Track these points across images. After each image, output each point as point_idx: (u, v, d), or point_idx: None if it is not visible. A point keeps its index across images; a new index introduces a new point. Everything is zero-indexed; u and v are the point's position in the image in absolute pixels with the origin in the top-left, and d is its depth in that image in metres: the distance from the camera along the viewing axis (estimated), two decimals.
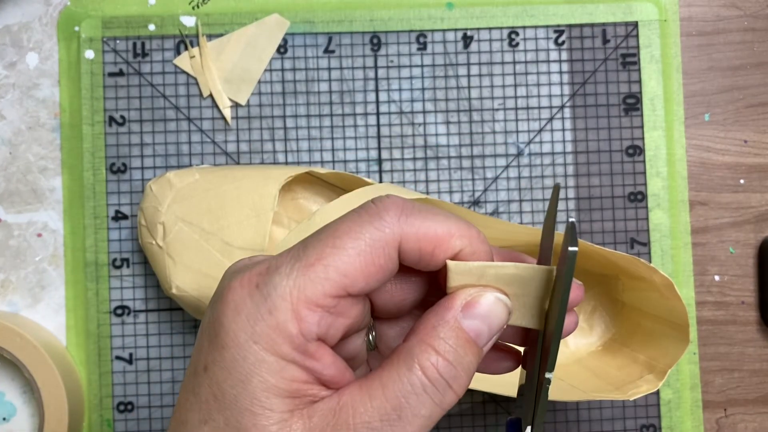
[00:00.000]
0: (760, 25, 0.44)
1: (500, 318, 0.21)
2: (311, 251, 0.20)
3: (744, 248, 0.44)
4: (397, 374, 0.20)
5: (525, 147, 0.43)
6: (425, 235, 0.20)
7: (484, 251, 0.21)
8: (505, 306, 0.21)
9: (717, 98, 0.44)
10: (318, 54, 0.43)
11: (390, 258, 0.20)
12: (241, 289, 0.20)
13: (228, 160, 0.43)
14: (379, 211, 0.21)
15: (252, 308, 0.20)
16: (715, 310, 0.44)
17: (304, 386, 0.20)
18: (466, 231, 0.21)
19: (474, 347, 0.20)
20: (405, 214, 0.21)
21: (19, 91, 0.42)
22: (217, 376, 0.20)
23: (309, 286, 0.20)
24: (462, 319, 0.20)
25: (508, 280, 0.21)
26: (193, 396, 0.20)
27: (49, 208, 0.42)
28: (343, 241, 0.20)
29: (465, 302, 0.21)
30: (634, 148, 0.43)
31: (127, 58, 0.43)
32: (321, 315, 0.20)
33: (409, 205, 0.21)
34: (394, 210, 0.21)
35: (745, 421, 0.43)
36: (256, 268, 0.20)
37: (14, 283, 0.42)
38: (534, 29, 0.44)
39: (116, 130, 0.42)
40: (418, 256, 0.21)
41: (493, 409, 0.42)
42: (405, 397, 0.19)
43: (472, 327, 0.20)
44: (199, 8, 0.43)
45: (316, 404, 0.20)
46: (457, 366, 0.20)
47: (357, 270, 0.20)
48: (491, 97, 0.43)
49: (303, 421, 0.20)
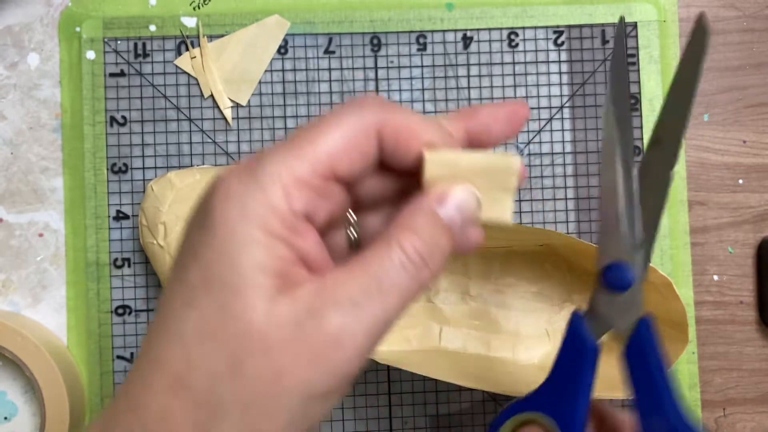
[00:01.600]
0: (758, 26, 0.45)
1: (471, 207, 0.23)
2: (299, 138, 0.21)
3: (743, 248, 0.44)
4: (378, 254, 0.21)
5: (525, 147, 0.43)
6: (401, 125, 0.22)
7: (455, 145, 0.23)
8: (475, 197, 0.23)
9: (716, 98, 0.44)
10: (318, 54, 0.43)
11: (371, 143, 0.22)
12: (230, 177, 0.21)
13: (229, 160, 0.43)
14: (361, 101, 0.22)
15: (242, 189, 0.20)
16: (714, 310, 0.44)
17: (291, 266, 0.20)
18: (438, 127, 0.23)
19: (448, 232, 0.22)
20: (383, 105, 0.22)
21: (21, 92, 0.43)
22: (207, 258, 0.20)
23: (298, 166, 0.21)
24: (438, 207, 0.22)
25: (478, 172, 0.23)
26: (179, 283, 0.21)
27: (51, 208, 0.42)
28: (329, 126, 0.21)
29: (440, 195, 0.22)
30: (634, 148, 0.44)
31: (128, 59, 0.43)
32: (309, 194, 0.21)
33: (389, 102, 0.23)
34: (374, 100, 0.22)
35: (744, 420, 0.44)
36: (244, 160, 0.21)
37: (15, 282, 0.42)
38: (533, 30, 0.44)
39: (117, 130, 0.43)
40: (394, 146, 0.22)
41: (493, 408, 0.43)
42: (385, 272, 0.21)
43: (447, 214, 0.22)
44: (200, 9, 0.43)
45: (300, 286, 0.20)
46: (433, 247, 0.22)
47: (342, 152, 0.21)
48: (491, 97, 0.44)
49: (288, 299, 0.20)
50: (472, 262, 0.42)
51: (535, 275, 0.42)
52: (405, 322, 0.41)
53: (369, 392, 0.42)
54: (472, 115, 0.24)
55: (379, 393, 0.42)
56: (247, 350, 0.20)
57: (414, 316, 0.41)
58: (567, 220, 0.43)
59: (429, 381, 0.42)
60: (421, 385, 0.43)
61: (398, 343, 0.41)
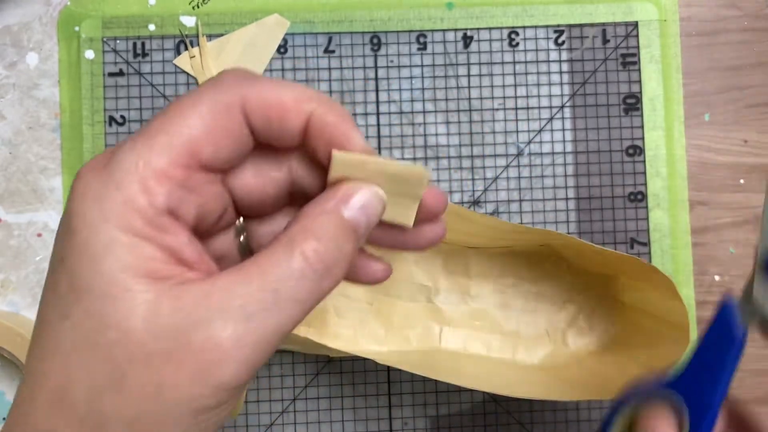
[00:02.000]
0: (759, 25, 0.44)
1: (377, 210, 0.21)
2: (153, 125, 0.19)
3: (744, 248, 0.44)
4: (276, 259, 0.19)
5: (525, 147, 0.43)
6: (269, 98, 0.20)
7: (337, 112, 0.21)
8: (381, 200, 0.22)
9: (717, 98, 0.44)
10: (318, 54, 0.43)
11: (235, 121, 0.20)
12: (87, 174, 0.19)
13: None
14: (219, 78, 0.20)
15: (99, 187, 0.19)
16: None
17: (163, 266, 0.19)
18: (314, 94, 0.21)
19: (353, 235, 0.21)
20: (246, 78, 0.20)
21: (20, 91, 0.43)
22: (72, 263, 0.19)
23: (154, 157, 0.19)
24: (343, 209, 0.21)
25: (386, 177, 0.22)
26: (51, 292, 0.19)
27: (50, 208, 0.42)
28: (184, 110, 0.19)
29: (345, 194, 0.21)
30: (634, 148, 0.43)
31: (127, 58, 0.43)
32: (170, 187, 0.19)
33: (252, 73, 0.21)
34: (234, 75, 0.20)
35: None
36: (101, 153, 0.20)
37: (14, 282, 0.42)
38: (534, 29, 0.44)
39: (116, 130, 0.42)
40: (267, 122, 0.20)
41: (493, 408, 0.42)
42: (284, 281, 0.19)
43: (352, 216, 0.21)
44: (199, 8, 0.43)
45: (184, 286, 0.19)
46: (337, 252, 0.20)
47: (201, 134, 0.19)
48: (491, 97, 0.43)
49: (171, 302, 0.18)
50: (473, 262, 0.42)
51: (535, 275, 0.42)
52: (405, 322, 0.41)
53: (369, 392, 0.42)
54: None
55: (379, 393, 0.42)
56: (128, 361, 0.18)
57: (414, 316, 0.41)
58: (567, 220, 0.43)
59: (429, 381, 0.42)
60: (421, 385, 0.42)
61: (398, 343, 0.41)
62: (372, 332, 0.41)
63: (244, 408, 0.42)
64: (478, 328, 0.41)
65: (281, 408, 0.42)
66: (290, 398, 0.42)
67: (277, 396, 0.42)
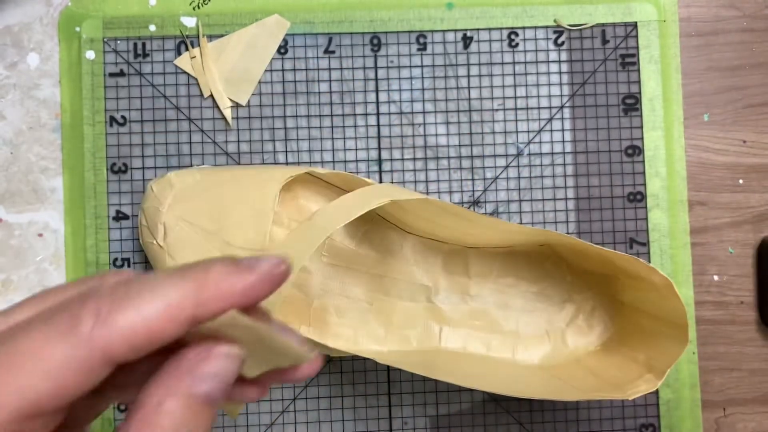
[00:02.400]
0: (758, 26, 0.45)
1: (232, 372, 0.19)
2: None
3: (743, 248, 0.44)
4: None
5: (525, 147, 0.43)
6: (138, 331, 0.17)
7: (221, 290, 0.18)
8: (237, 359, 0.19)
9: (716, 98, 0.44)
10: (318, 54, 0.43)
11: (91, 371, 0.17)
12: None
13: (228, 160, 0.43)
14: (74, 318, 0.17)
15: None
16: (714, 310, 0.44)
17: None
18: (192, 293, 0.18)
19: (207, 409, 0.18)
20: (111, 309, 0.17)
21: (20, 92, 0.43)
22: None
23: None
24: (192, 384, 0.18)
25: (265, 344, 0.19)
26: None
27: (50, 208, 0.42)
28: (24, 363, 0.17)
29: (194, 364, 0.18)
30: (634, 148, 0.44)
31: (127, 59, 0.43)
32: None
33: (121, 290, 0.18)
34: (94, 309, 0.17)
35: (744, 420, 0.44)
36: None
37: (15, 282, 0.42)
38: (534, 30, 0.44)
39: (117, 130, 0.43)
40: (131, 353, 0.18)
41: (493, 408, 0.43)
42: None
43: (204, 390, 0.18)
44: (200, 9, 0.43)
45: None
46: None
47: (43, 394, 0.17)
48: (491, 97, 0.44)
49: None
50: (473, 262, 0.42)
51: (535, 275, 0.42)
52: (405, 322, 0.41)
53: (369, 392, 0.42)
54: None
55: (379, 393, 0.42)
56: None
57: (414, 316, 0.41)
58: (567, 220, 0.43)
59: (429, 381, 0.42)
60: (421, 385, 0.43)
61: (398, 343, 0.41)
62: (372, 332, 0.41)
63: (244, 408, 0.42)
64: (477, 328, 0.41)
65: (281, 408, 0.42)
66: (290, 398, 0.42)
67: (277, 396, 0.42)
